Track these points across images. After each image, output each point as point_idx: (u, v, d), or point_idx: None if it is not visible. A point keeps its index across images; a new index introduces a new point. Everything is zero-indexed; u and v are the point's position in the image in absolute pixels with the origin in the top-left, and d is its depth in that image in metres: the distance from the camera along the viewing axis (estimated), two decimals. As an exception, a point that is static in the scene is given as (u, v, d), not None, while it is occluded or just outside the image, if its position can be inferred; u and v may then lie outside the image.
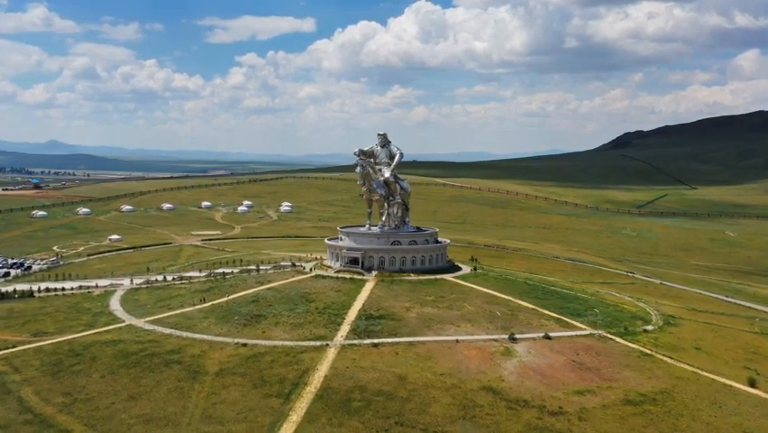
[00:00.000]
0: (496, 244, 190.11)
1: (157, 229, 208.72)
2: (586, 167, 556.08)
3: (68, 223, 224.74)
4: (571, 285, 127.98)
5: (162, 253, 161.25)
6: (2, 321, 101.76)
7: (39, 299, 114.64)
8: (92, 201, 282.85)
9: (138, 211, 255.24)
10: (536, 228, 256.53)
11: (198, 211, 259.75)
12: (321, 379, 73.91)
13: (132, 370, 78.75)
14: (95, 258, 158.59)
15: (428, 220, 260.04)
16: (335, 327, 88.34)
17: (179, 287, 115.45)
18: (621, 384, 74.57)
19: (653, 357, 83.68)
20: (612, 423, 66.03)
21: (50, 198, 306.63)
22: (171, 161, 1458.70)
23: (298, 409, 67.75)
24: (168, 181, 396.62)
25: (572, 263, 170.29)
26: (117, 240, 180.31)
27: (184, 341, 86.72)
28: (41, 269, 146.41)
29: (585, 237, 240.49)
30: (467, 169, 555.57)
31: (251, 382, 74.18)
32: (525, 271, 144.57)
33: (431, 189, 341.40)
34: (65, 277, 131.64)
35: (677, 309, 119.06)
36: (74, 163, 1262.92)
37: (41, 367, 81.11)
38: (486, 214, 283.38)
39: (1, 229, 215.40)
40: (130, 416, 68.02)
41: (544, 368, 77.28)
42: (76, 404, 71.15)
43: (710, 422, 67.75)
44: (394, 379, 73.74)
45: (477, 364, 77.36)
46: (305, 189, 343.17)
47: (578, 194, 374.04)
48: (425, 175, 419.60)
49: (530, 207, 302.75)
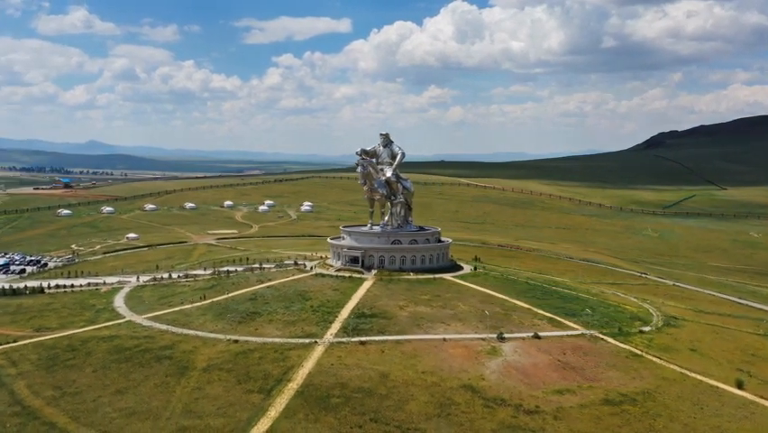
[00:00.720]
0: (510, 244, 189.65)
1: (175, 228, 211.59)
2: (616, 167, 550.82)
3: (90, 221, 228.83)
4: (577, 285, 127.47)
5: (175, 251, 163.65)
6: (9, 316, 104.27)
7: (48, 295, 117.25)
8: (117, 200, 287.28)
9: (161, 210, 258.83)
10: (556, 229, 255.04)
11: (220, 210, 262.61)
12: (304, 376, 74.83)
13: (123, 365, 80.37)
14: (110, 256, 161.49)
15: (449, 220, 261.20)
16: (327, 324, 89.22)
17: (184, 284, 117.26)
18: (603, 384, 74.42)
19: (642, 358, 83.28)
20: (587, 422, 66.02)
21: (78, 197, 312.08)
22: (209, 162, 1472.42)
23: (277, 405, 68.69)
24: (194, 181, 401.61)
25: (586, 264, 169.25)
26: (134, 238, 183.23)
27: (178, 337, 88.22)
28: (56, 266, 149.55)
29: (605, 238, 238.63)
30: (495, 169, 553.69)
31: (236, 377, 75.31)
32: (533, 272, 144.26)
33: (454, 189, 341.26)
34: (77, 274, 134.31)
35: (682, 311, 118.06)
36: (113, 163, 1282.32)
37: (37, 361, 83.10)
38: (507, 214, 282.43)
39: (26, 227, 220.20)
40: (113, 409, 69.52)
41: (527, 367, 77.39)
42: (64, 397, 72.88)
43: (688, 423, 67.41)
44: (376, 376, 74.40)
45: (460, 363, 77.71)
46: (328, 189, 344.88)
47: (604, 194, 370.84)
48: (453, 175, 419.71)
49: (552, 208, 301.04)
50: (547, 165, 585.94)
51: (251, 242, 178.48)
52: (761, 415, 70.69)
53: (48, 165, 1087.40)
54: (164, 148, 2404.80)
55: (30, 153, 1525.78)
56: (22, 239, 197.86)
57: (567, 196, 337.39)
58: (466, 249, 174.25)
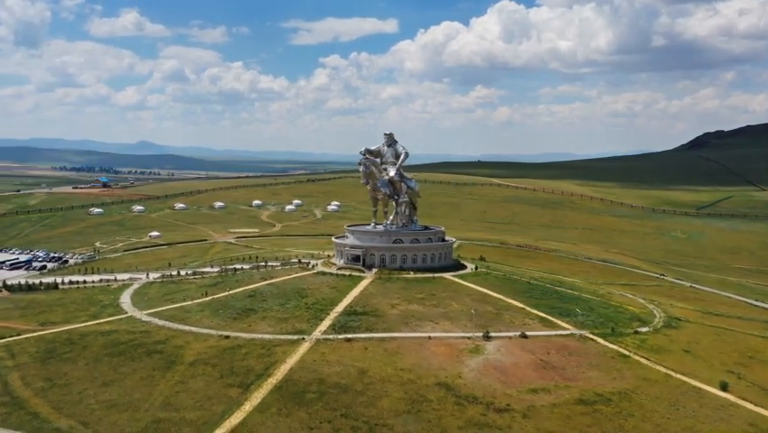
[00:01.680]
0: (529, 244, 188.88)
1: (200, 227, 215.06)
2: (655, 168, 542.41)
3: (119, 220, 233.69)
4: (584, 286, 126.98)
5: (193, 249, 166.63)
6: (20, 311, 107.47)
7: (61, 291, 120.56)
8: (150, 199, 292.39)
9: (190, 209, 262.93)
10: (583, 229, 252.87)
11: (247, 210, 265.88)
12: (285, 371, 76.19)
13: (115, 358, 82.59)
14: (129, 253, 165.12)
15: (476, 220, 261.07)
16: (317, 322, 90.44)
17: (191, 281, 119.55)
18: (581, 384, 74.34)
19: (628, 358, 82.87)
20: (556, 421, 66.16)
21: (114, 196, 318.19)
22: (256, 162, 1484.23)
23: (253, 399, 70.17)
24: (227, 181, 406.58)
25: (603, 265, 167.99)
26: (156, 236, 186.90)
27: (172, 332, 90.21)
28: (76, 263, 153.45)
29: (631, 239, 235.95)
30: (533, 169, 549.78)
31: (220, 372, 76.96)
32: (544, 272, 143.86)
33: (484, 190, 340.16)
34: (93, 271, 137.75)
35: (689, 312, 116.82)
36: (161, 163, 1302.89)
37: (35, 354, 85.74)
38: (535, 214, 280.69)
39: (57, 225, 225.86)
40: (96, 401, 71.69)
41: (507, 366, 77.63)
42: (52, 389, 75.28)
43: (660, 424, 67.14)
44: (354, 373, 75.40)
45: (440, 361, 78.28)
46: (358, 189, 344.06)
47: (638, 195, 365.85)
48: (490, 175, 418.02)
49: (582, 208, 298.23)
50: (585, 165, 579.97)
51: (268, 241, 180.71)
52: (738, 417, 69.99)
53: (98, 165, 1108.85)
54: (213, 148, 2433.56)
55: (82, 153, 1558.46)
56: (51, 236, 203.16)
57: (599, 196, 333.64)
58: (482, 249, 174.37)
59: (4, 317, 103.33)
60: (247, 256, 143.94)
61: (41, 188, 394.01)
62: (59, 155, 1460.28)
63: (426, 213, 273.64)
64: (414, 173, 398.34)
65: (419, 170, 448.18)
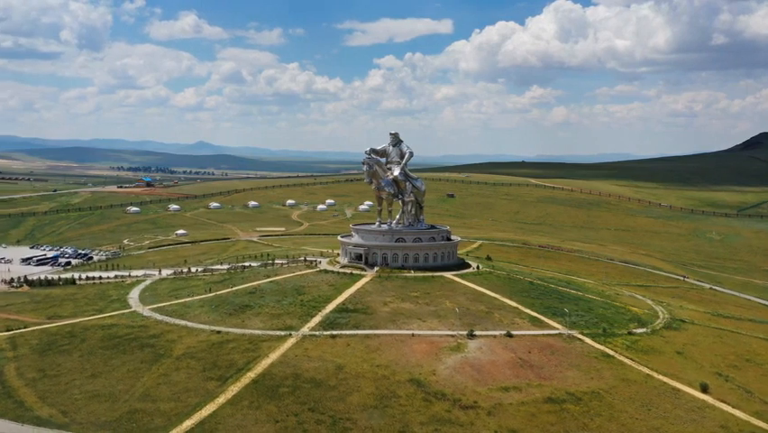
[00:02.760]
0: (552, 245, 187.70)
1: (229, 225, 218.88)
2: (704, 168, 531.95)
3: (152, 218, 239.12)
4: (592, 286, 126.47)
5: (214, 247, 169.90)
6: (33, 304, 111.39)
7: (77, 286, 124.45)
8: (188, 198, 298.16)
9: (224, 208, 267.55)
10: (615, 231, 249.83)
11: (279, 209, 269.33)
12: (265, 366, 77.71)
13: (108, 351, 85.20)
14: (153, 251, 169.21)
15: (508, 220, 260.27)
16: (308, 318, 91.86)
17: (200, 278, 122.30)
18: (555, 383, 74.38)
19: (612, 359, 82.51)
20: (519, 419, 66.49)
21: (154, 194, 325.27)
22: (310, 162, 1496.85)
23: (228, 393, 71.91)
24: (267, 180, 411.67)
25: (624, 266, 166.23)
26: (182, 234, 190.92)
27: (169, 327, 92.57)
28: (100, 259, 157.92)
29: (663, 241, 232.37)
30: (576, 169, 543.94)
31: (203, 366, 78.90)
32: (558, 272, 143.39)
33: (521, 190, 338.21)
34: (113, 267, 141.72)
35: (698, 314, 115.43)
36: (217, 163, 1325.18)
37: (35, 346, 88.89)
38: (568, 215, 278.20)
39: (92, 223, 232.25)
40: (81, 391, 74.27)
41: (483, 364, 78.01)
42: (43, 379, 78.14)
43: (627, 424, 66.99)
44: (332, 368, 76.61)
45: (418, 358, 79.03)
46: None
47: (681, 195, 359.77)
48: (531, 176, 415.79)
49: (618, 209, 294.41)
50: (633, 166, 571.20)
51: (290, 239, 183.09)
52: (711, 419, 69.43)
53: (154, 165, 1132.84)
54: (269, 149, 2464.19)
55: (141, 154, 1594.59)
56: (84, 234, 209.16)
57: (639, 197, 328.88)
58: (504, 249, 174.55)
59: (17, 311, 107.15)
60: (260, 254, 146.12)
61: (87, 187, 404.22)
62: (118, 155, 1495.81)
63: (459, 212, 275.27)
64: (451, 173, 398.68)
65: (458, 171, 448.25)
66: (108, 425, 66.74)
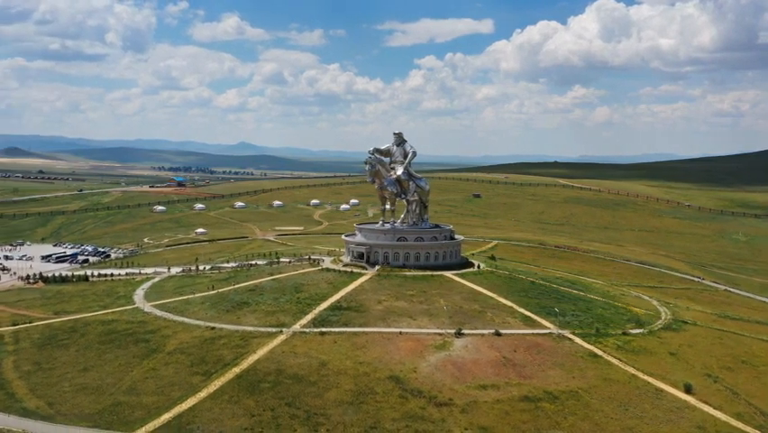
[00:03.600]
0: (568, 245, 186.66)
1: (248, 224, 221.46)
2: (742, 168, 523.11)
3: (177, 217, 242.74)
4: (598, 287, 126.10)
5: (229, 245, 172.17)
6: (43, 300, 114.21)
7: (89, 283, 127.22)
8: (215, 198, 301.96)
9: (249, 207, 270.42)
10: (639, 231, 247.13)
11: (303, 208, 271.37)
12: (251, 362, 79.00)
13: (104, 346, 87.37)
14: (170, 249, 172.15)
15: (531, 221, 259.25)
16: (301, 315, 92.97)
17: (207, 276, 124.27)
18: (534, 382, 74.51)
19: (599, 359, 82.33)
20: (492, 417, 66.87)
21: (183, 194, 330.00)
22: (349, 162, 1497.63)
23: (211, 387, 73.38)
24: (293, 180, 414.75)
25: (639, 267, 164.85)
26: (202, 233, 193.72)
27: (166, 323, 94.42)
28: (118, 257, 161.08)
29: (686, 242, 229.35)
30: (609, 170, 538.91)
31: (191, 361, 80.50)
32: (569, 272, 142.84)
33: (548, 190, 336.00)
34: (127, 265, 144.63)
35: (704, 315, 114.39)
36: (257, 164, 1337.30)
37: (36, 340, 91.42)
38: (593, 216, 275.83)
39: (117, 222, 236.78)
40: (71, 384, 76.44)
41: (466, 362, 78.39)
42: (37, 372, 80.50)
43: (600, 423, 66.96)
44: (315, 364, 77.63)
45: (402, 356, 79.68)
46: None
47: (713, 196, 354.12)
48: (561, 176, 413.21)
49: (644, 210, 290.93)
50: (669, 166, 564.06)
51: (305, 239, 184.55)
52: (688, 419, 69.10)
53: (195, 165, 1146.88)
54: (310, 149, 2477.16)
55: (183, 154, 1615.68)
56: (108, 232, 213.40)
57: (669, 198, 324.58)
58: (518, 249, 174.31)
59: (26, 306, 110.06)
60: (269, 253, 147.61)
61: (120, 186, 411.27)
62: (160, 156, 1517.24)
63: (483, 212, 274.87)
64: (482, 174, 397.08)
65: (486, 171, 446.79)
66: (90, 417, 68.64)
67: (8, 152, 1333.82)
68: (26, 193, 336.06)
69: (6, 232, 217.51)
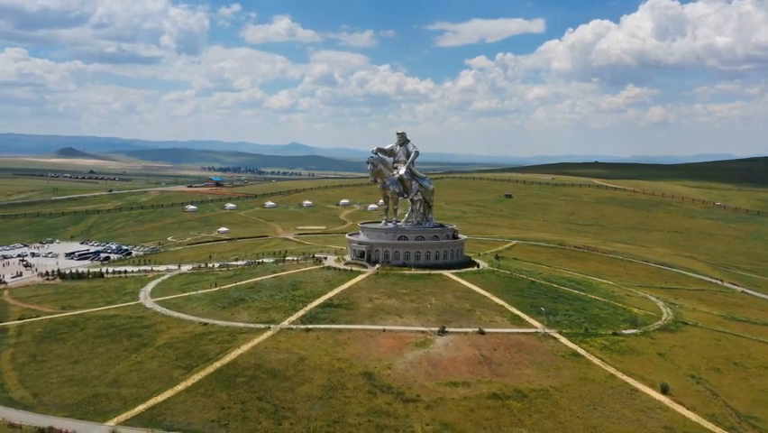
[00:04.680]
0: (588, 245, 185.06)
1: (273, 224, 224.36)
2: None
3: (205, 217, 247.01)
4: (604, 287, 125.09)
5: (247, 244, 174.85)
6: (55, 296, 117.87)
7: (103, 279, 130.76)
8: (247, 198, 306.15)
9: (278, 207, 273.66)
10: (669, 232, 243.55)
11: (331, 208, 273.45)
12: (233, 357, 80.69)
13: (99, 340, 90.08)
14: (189, 247, 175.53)
15: (559, 221, 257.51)
16: (292, 312, 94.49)
17: (214, 273, 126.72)
18: (507, 380, 74.81)
19: (580, 358, 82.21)
20: (456, 413, 67.45)
21: (218, 194, 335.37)
22: None
23: (189, 381, 75.33)
24: (326, 180, 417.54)
25: (657, 268, 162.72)
26: (224, 232, 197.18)
27: (163, 318, 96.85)
28: (138, 255, 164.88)
29: (715, 243, 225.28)
30: (650, 170, 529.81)
31: (177, 355, 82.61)
32: (580, 273, 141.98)
33: (581, 191, 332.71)
34: (144, 262, 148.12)
35: (709, 317, 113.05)
36: (306, 164, 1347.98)
37: (38, 334, 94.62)
38: (624, 216, 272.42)
39: (147, 221, 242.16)
40: (58, 376, 79.17)
41: (442, 360, 78.99)
42: (30, 364, 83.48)
43: (564, 421, 67.09)
44: (294, 360, 79.05)
45: (380, 352, 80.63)
46: (454, 189, 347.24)
47: (752, 197, 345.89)
48: (602, 176, 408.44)
49: (678, 211, 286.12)
50: (711, 167, 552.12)
51: (324, 238, 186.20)
52: (657, 419, 68.84)
53: (244, 166, 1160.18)
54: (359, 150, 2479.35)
55: (234, 155, 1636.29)
56: (137, 231, 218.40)
57: (707, 198, 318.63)
58: (536, 249, 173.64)
59: (38, 301, 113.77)
60: (281, 251, 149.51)
61: (160, 186, 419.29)
62: (212, 156, 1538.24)
63: (512, 213, 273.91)
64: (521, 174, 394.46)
65: (530, 171, 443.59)
66: (69, 407, 71.07)
67: (64, 153, 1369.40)
68: (66, 193, 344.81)
69: (41, 230, 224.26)
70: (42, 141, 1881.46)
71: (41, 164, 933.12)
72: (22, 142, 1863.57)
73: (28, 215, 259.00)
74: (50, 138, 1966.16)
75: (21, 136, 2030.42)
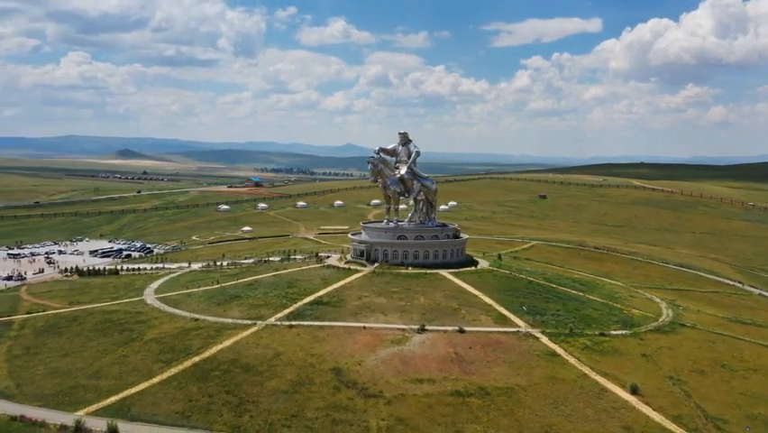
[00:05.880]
0: (608, 246, 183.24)
1: (298, 223, 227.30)
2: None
3: (235, 216, 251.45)
4: (608, 288, 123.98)
5: (264, 243, 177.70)
6: (67, 291, 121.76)
7: (117, 276, 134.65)
8: (282, 198, 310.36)
9: (309, 207, 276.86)
10: (700, 234, 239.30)
11: (361, 208, 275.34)
12: (213, 352, 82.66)
13: (93, 333, 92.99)
14: (210, 246, 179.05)
15: (590, 222, 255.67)
16: (282, 309, 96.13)
17: (221, 271, 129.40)
18: (474, 378, 75.25)
19: (556, 357, 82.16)
20: (414, 409, 68.21)
21: (254, 194, 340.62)
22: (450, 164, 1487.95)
23: (165, 374, 77.44)
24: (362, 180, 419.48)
25: (675, 269, 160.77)
26: (248, 231, 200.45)
27: (158, 314, 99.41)
28: (159, 253, 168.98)
29: (745, 245, 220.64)
30: (697, 170, 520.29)
31: (161, 349, 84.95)
32: (591, 273, 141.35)
33: (618, 191, 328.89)
34: (161, 260, 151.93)
35: (711, 319, 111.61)
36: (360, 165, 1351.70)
37: (38, 328, 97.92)
38: (657, 217, 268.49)
39: (179, 220, 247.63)
40: (45, 368, 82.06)
41: (415, 357, 79.78)
42: (23, 356, 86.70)
43: (521, 419, 67.35)
44: (269, 355, 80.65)
45: (355, 349, 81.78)
46: (490, 189, 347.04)
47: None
48: (643, 177, 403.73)
49: (715, 212, 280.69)
50: (756, 167, 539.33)
51: (342, 237, 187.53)
52: (618, 419, 68.61)
53: (297, 167, 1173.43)
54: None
55: (288, 156, 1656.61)
56: (165, 230, 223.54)
57: (749, 200, 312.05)
58: (553, 249, 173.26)
59: (49, 296, 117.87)
60: (291, 250, 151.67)
61: (202, 186, 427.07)
62: (267, 157, 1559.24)
63: (543, 213, 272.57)
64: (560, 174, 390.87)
65: (575, 172, 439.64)
66: (46, 397, 73.83)
67: (122, 154, 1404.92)
68: (106, 193, 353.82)
69: (75, 229, 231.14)
70: (103, 142, 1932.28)
71: (98, 165, 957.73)
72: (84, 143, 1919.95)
73: (66, 214, 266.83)
74: (111, 140, 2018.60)
75: (83, 138, 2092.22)
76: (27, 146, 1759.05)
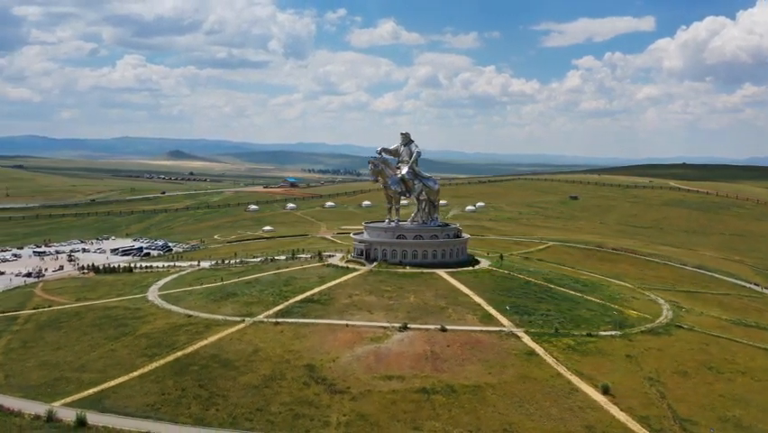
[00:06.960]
0: (627, 247, 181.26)
1: (320, 223, 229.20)
2: None
3: (262, 216, 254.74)
4: (612, 289, 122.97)
5: (281, 242, 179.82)
6: (78, 288, 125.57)
7: (130, 273, 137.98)
8: (312, 198, 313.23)
9: (337, 207, 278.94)
10: (730, 236, 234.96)
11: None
12: (197, 347, 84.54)
13: (89, 328, 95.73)
14: (228, 245, 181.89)
15: (617, 223, 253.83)
16: (272, 306, 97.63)
17: (228, 269, 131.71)
18: (445, 376, 75.74)
19: (534, 357, 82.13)
20: (377, 405, 69.10)
21: (287, 194, 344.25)
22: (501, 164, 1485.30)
23: (146, 367, 79.54)
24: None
25: (691, 271, 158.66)
26: (269, 231, 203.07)
27: (156, 310, 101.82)
28: (178, 252, 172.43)
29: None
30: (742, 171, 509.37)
31: (148, 344, 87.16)
32: (602, 274, 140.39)
33: (652, 193, 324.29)
34: (176, 258, 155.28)
35: (713, 321, 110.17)
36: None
37: (41, 322, 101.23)
38: (688, 219, 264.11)
39: (206, 220, 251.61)
40: (37, 361, 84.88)
41: (390, 355, 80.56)
42: (18, 349, 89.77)
43: (482, 417, 67.73)
44: (249, 351, 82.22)
45: (333, 346, 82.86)
46: (521, 191, 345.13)
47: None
48: (682, 177, 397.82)
49: (749, 214, 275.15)
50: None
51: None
52: (582, 418, 68.61)
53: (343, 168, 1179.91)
54: (463, 152, 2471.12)
55: (337, 157, 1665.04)
56: (189, 229, 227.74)
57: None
58: (569, 250, 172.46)
59: (60, 293, 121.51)
60: (300, 249, 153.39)
61: (240, 186, 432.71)
62: (316, 158, 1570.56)
63: (571, 214, 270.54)
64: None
65: (616, 173, 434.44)
66: (29, 388, 76.55)
67: (173, 155, 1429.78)
68: (143, 192, 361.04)
69: (105, 228, 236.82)
70: (157, 144, 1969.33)
71: (148, 166, 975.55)
72: (138, 144, 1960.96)
73: (99, 213, 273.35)
74: (164, 141, 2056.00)
75: (137, 139, 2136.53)
76: (84, 147, 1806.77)
